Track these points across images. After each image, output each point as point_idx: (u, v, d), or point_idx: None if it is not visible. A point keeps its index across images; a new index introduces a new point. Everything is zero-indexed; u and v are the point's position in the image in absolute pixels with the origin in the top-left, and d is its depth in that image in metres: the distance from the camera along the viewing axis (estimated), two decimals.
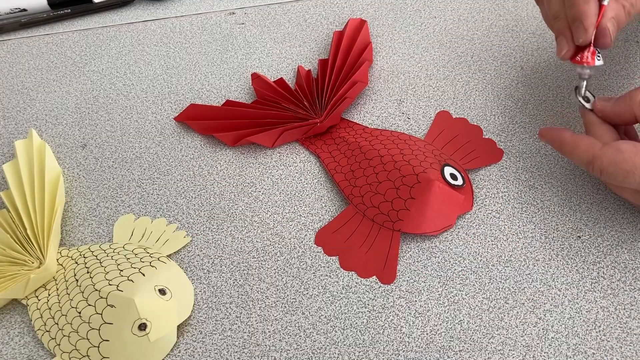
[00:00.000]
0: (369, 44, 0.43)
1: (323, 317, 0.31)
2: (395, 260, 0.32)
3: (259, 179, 0.37)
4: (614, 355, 0.29)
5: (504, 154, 0.37)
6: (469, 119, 0.39)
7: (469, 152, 0.37)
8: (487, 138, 0.38)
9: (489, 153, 0.37)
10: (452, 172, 0.34)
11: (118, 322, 0.29)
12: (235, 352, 0.30)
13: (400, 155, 0.35)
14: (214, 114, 0.40)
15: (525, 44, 0.44)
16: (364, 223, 0.34)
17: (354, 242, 0.33)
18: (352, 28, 0.44)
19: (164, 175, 0.38)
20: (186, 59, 0.45)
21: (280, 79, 0.42)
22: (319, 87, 0.41)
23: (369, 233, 0.34)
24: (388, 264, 0.32)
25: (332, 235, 0.34)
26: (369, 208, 0.34)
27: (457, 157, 0.37)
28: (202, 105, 0.41)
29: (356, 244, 0.33)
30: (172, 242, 0.34)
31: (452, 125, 0.39)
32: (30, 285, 0.32)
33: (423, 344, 0.30)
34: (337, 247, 0.33)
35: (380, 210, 0.34)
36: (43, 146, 0.38)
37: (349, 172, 0.36)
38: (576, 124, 0.38)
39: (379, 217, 0.34)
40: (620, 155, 0.29)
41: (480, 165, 0.36)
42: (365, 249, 0.33)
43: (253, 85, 0.42)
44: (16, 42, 0.48)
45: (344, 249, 0.33)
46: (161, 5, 0.50)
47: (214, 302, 0.32)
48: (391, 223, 0.33)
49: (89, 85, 0.44)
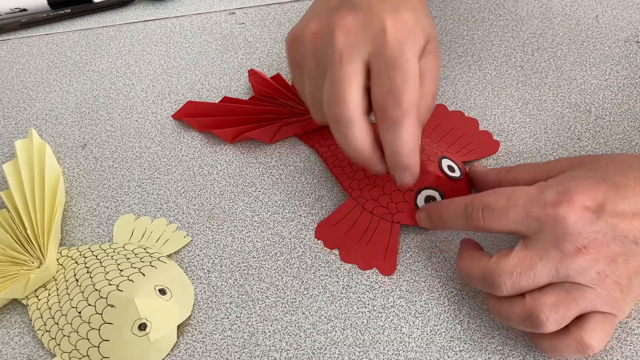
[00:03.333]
0: None
1: (323, 317, 0.31)
2: (395, 251, 0.32)
3: (259, 179, 0.37)
4: (614, 355, 0.29)
5: (504, 154, 0.37)
6: None
7: (465, 144, 0.37)
8: (484, 130, 0.38)
9: (485, 145, 0.37)
10: (449, 165, 0.34)
11: (118, 322, 0.29)
12: (235, 352, 0.30)
13: None
14: (212, 110, 0.40)
15: (525, 44, 0.44)
16: (363, 216, 0.34)
17: (354, 234, 0.33)
18: None
19: (164, 175, 0.38)
20: (186, 59, 0.45)
21: (277, 75, 0.42)
22: None
23: (368, 225, 0.34)
24: (388, 256, 0.32)
25: (331, 229, 0.34)
26: (367, 201, 0.34)
27: (454, 150, 0.37)
28: (200, 102, 0.41)
29: (356, 237, 0.33)
30: (172, 242, 0.34)
31: (448, 118, 0.39)
32: (30, 285, 0.32)
33: (423, 344, 0.30)
34: (337, 240, 0.33)
35: (379, 203, 0.34)
36: (43, 146, 0.38)
37: (347, 166, 0.36)
38: (576, 124, 0.38)
39: (378, 210, 0.34)
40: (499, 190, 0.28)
41: (477, 158, 0.37)
42: (365, 241, 0.33)
43: (250, 82, 0.42)
44: (16, 42, 0.48)
45: (344, 241, 0.33)
46: (161, 5, 0.50)
47: (214, 302, 0.32)
48: (390, 215, 0.34)
49: (89, 85, 0.44)
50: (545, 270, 0.25)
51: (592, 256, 0.25)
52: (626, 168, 0.26)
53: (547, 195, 0.26)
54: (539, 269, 0.25)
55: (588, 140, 0.37)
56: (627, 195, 0.25)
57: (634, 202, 0.25)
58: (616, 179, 0.26)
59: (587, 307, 0.25)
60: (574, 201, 0.25)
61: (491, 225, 0.28)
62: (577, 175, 0.26)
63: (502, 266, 0.26)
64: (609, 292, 0.25)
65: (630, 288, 0.25)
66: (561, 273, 0.25)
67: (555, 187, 0.26)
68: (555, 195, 0.26)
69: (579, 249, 0.25)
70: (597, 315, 0.25)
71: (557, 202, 0.25)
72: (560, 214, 0.25)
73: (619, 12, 0.45)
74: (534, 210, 0.26)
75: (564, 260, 0.25)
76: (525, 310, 0.26)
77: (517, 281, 0.26)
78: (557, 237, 0.25)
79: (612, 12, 0.45)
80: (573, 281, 0.25)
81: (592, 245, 0.25)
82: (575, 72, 0.41)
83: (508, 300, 0.27)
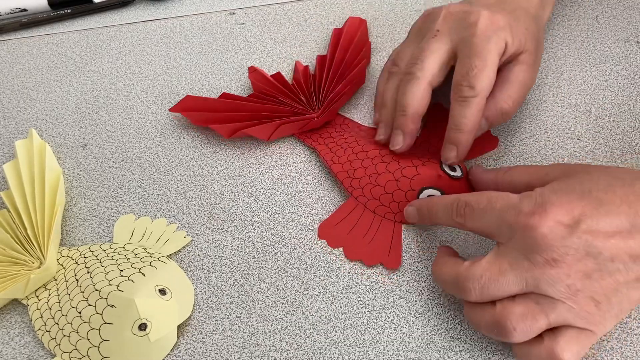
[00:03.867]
0: (368, 43, 0.43)
1: (323, 317, 0.31)
2: (400, 246, 0.33)
3: (259, 179, 0.37)
4: (614, 355, 0.29)
5: (504, 154, 0.37)
6: None
7: None
8: None
9: (484, 142, 0.37)
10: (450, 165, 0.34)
11: (118, 322, 0.29)
12: (235, 352, 0.30)
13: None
14: (210, 105, 0.40)
15: None
16: (366, 215, 0.34)
17: (357, 233, 0.33)
18: (351, 26, 0.44)
19: (164, 175, 0.38)
20: (186, 59, 0.45)
21: (277, 73, 0.42)
22: (316, 82, 0.41)
23: (370, 224, 0.34)
24: (392, 251, 0.32)
25: (334, 228, 0.34)
26: (369, 200, 0.34)
27: None
28: (198, 97, 0.41)
29: (359, 235, 0.33)
30: (172, 242, 0.34)
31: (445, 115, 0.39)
32: (30, 285, 0.32)
33: (423, 344, 0.30)
34: (340, 239, 0.33)
35: (382, 202, 0.34)
36: (43, 146, 0.38)
37: (346, 163, 0.36)
38: (576, 124, 0.38)
39: (380, 209, 0.34)
40: (485, 192, 0.28)
41: (477, 155, 0.37)
42: (369, 239, 0.33)
43: (250, 78, 0.42)
44: (16, 42, 0.48)
45: (347, 240, 0.33)
46: (161, 5, 0.50)
47: (214, 302, 0.32)
48: (393, 214, 0.34)
49: (89, 85, 0.44)
50: (514, 279, 0.25)
51: (563, 270, 0.25)
52: (616, 183, 0.26)
53: (524, 205, 0.26)
54: (508, 277, 0.25)
55: (588, 140, 0.37)
56: (609, 212, 0.25)
57: (615, 219, 0.25)
58: (601, 195, 0.25)
59: (558, 320, 0.25)
60: (548, 214, 0.25)
61: (469, 224, 0.28)
62: (561, 188, 0.26)
63: (472, 271, 0.26)
64: (582, 307, 0.25)
65: (610, 305, 0.25)
66: (530, 284, 0.25)
67: (535, 198, 0.26)
68: (532, 205, 0.26)
69: (548, 261, 0.25)
70: (571, 330, 0.25)
71: (531, 212, 0.25)
72: (531, 224, 0.25)
73: (619, 12, 0.45)
74: (508, 216, 0.26)
75: (533, 270, 0.25)
76: (494, 317, 0.26)
77: (486, 287, 0.26)
78: (527, 247, 0.25)
79: (612, 12, 0.45)
80: (544, 293, 0.25)
81: (562, 260, 0.24)
82: (575, 72, 0.41)
83: (480, 307, 0.27)
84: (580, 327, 0.25)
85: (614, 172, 0.27)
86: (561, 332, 0.25)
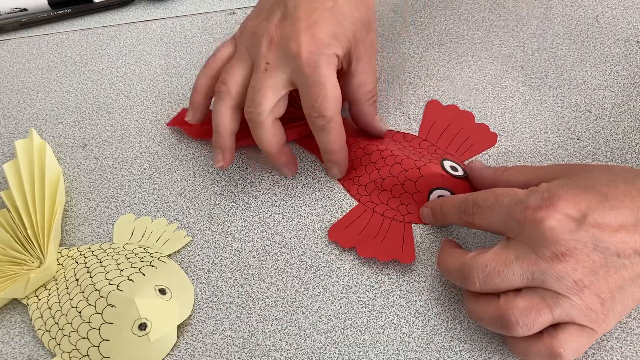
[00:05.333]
0: None
1: (323, 317, 0.31)
2: (412, 242, 0.33)
3: (259, 179, 0.37)
4: (614, 355, 0.29)
5: (504, 154, 0.37)
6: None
7: (463, 140, 0.37)
8: (480, 123, 0.38)
9: (483, 139, 0.37)
10: (452, 165, 0.34)
11: (118, 321, 0.29)
12: (235, 352, 0.30)
13: (399, 150, 0.35)
14: (207, 117, 0.40)
15: (525, 44, 0.44)
16: (375, 218, 0.34)
17: (369, 233, 0.34)
18: None
19: (164, 175, 0.38)
20: (186, 59, 0.45)
21: None
22: None
23: (381, 225, 0.34)
24: (405, 247, 0.32)
25: (345, 230, 0.34)
26: (377, 205, 0.35)
27: (453, 149, 0.37)
28: None
29: (370, 235, 0.33)
30: (172, 241, 0.34)
31: (444, 113, 0.39)
32: (30, 285, 0.32)
33: (423, 344, 0.30)
34: (352, 239, 0.33)
35: (389, 206, 0.34)
36: (43, 146, 0.38)
37: (351, 171, 0.36)
38: (576, 124, 0.38)
39: (389, 212, 0.34)
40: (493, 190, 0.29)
41: (477, 153, 0.37)
42: (380, 238, 0.33)
43: None
44: (16, 41, 0.48)
45: (359, 239, 0.33)
46: (161, 5, 0.50)
47: (214, 302, 0.32)
48: (402, 216, 0.34)
49: (89, 85, 0.44)
50: (519, 271, 0.25)
51: (570, 264, 0.25)
52: (618, 180, 0.26)
53: (531, 200, 0.26)
54: (513, 268, 0.25)
55: (588, 140, 0.37)
56: (614, 206, 0.25)
57: (620, 214, 0.25)
58: (605, 189, 0.26)
59: (563, 316, 0.25)
60: (556, 207, 0.25)
61: (478, 222, 0.28)
62: (567, 183, 0.26)
63: (478, 260, 0.27)
64: (587, 304, 0.25)
65: (613, 303, 0.25)
66: (536, 277, 0.25)
67: (542, 193, 0.26)
68: (539, 200, 0.26)
69: (556, 255, 0.25)
70: (573, 327, 0.25)
71: (539, 206, 0.25)
72: (539, 218, 0.25)
73: (619, 12, 0.45)
74: (516, 212, 0.26)
75: (540, 264, 0.25)
76: (498, 310, 0.26)
77: (491, 276, 0.26)
78: (535, 241, 0.25)
79: (612, 12, 0.45)
80: (549, 288, 0.25)
81: (570, 254, 0.25)
82: (575, 72, 0.41)
83: (483, 299, 0.27)
84: (583, 324, 0.25)
85: (615, 170, 0.27)
86: (562, 328, 0.25)
